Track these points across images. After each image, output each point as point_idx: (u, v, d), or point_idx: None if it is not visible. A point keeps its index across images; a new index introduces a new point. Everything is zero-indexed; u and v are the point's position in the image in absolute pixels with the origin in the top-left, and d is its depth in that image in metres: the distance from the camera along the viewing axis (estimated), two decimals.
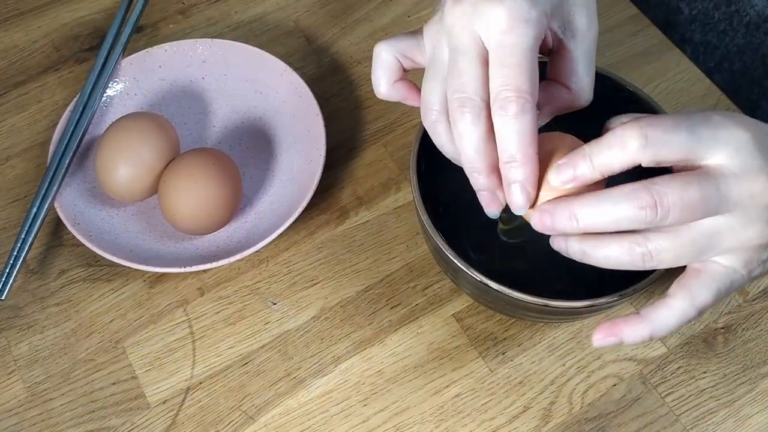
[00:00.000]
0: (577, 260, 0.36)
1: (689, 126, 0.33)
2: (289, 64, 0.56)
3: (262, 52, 0.57)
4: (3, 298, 0.49)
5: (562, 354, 0.49)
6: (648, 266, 0.35)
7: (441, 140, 0.38)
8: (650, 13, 0.65)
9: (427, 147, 0.46)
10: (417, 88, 0.40)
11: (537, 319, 0.47)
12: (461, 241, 0.49)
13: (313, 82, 0.56)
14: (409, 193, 0.55)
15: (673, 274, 0.37)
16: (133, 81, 0.56)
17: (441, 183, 0.49)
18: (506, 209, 0.39)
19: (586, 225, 0.34)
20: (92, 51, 0.61)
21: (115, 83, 0.56)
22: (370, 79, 0.59)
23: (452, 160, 0.39)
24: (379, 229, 0.53)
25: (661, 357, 0.49)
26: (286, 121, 0.56)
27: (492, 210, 0.38)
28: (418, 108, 0.58)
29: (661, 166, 0.34)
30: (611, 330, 0.36)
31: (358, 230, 0.53)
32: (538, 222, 0.35)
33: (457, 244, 0.42)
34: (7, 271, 0.49)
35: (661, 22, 0.68)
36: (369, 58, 0.61)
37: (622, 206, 0.33)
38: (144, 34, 0.62)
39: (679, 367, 0.48)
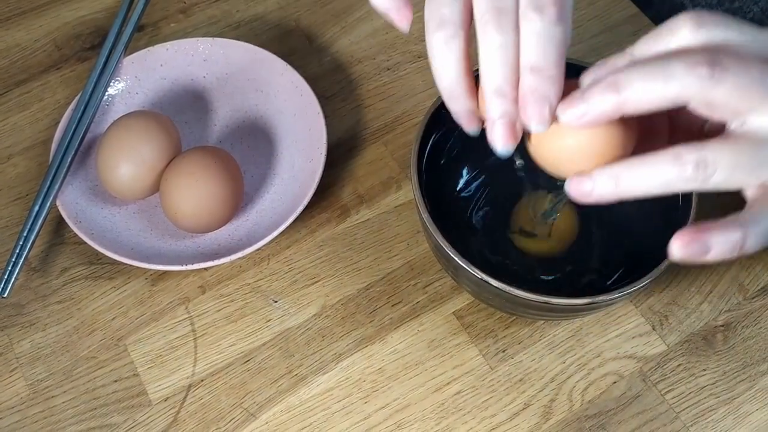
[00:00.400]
0: (606, 199, 0.31)
1: (761, 70, 0.28)
2: (290, 63, 0.56)
3: (263, 50, 0.57)
4: (5, 295, 0.49)
5: (562, 352, 0.49)
6: (699, 181, 0.29)
7: (448, 61, 0.33)
8: (653, 11, 0.65)
9: (427, 145, 0.47)
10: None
11: (537, 316, 0.48)
12: (461, 239, 0.50)
13: (313, 81, 0.56)
14: (409, 191, 0.55)
15: (676, 273, 0.37)
16: (135, 80, 0.56)
17: (441, 182, 0.50)
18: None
19: (628, 186, 0.30)
20: (94, 50, 0.61)
21: (117, 82, 0.56)
22: (371, 79, 0.60)
23: (446, 90, 0.34)
24: (379, 228, 0.54)
25: (661, 354, 0.49)
26: (287, 120, 0.56)
27: (508, 144, 0.32)
28: (419, 106, 0.58)
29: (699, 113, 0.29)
30: (697, 235, 0.29)
31: (359, 228, 0.54)
32: (574, 187, 0.31)
33: (458, 242, 0.43)
34: (9, 269, 0.49)
35: (665, 20, 0.68)
36: (369, 58, 0.61)
37: (667, 168, 0.29)
38: (145, 33, 0.62)
39: (679, 365, 0.49)
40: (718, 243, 0.29)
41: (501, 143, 0.32)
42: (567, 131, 0.32)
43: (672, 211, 0.44)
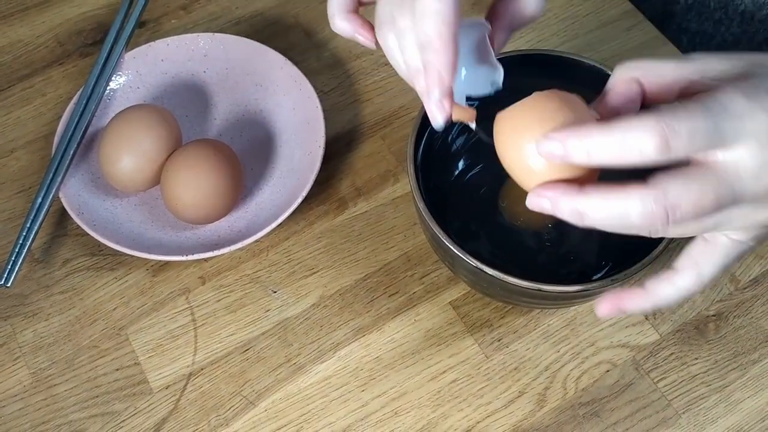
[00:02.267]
0: (568, 221, 0.32)
1: (714, 120, 0.30)
2: (290, 58, 0.57)
3: (263, 46, 0.58)
4: (8, 285, 0.50)
5: (556, 341, 0.50)
6: (659, 233, 0.31)
7: (393, 53, 0.37)
8: (647, 4, 0.66)
9: (423, 138, 0.47)
10: (369, 24, 0.39)
11: (532, 304, 0.48)
12: (457, 231, 0.51)
13: (312, 76, 0.57)
14: (406, 184, 0.56)
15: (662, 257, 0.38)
16: (136, 74, 0.57)
17: (437, 174, 0.51)
18: None
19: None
20: (95, 45, 0.62)
21: (118, 76, 0.57)
22: (369, 74, 0.61)
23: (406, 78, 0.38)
24: (377, 220, 0.54)
25: (654, 344, 0.50)
26: (286, 114, 0.57)
27: (438, 118, 0.35)
28: (416, 102, 0.59)
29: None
30: (615, 302, 0.36)
31: (357, 220, 0.54)
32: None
33: (454, 232, 0.43)
34: (13, 259, 0.50)
35: (659, 12, 0.69)
36: (367, 53, 0.62)
37: (632, 217, 0.30)
38: (146, 29, 0.63)
39: (671, 354, 0.49)
40: (630, 310, 0.36)
41: (432, 120, 0.35)
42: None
43: None
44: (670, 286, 0.35)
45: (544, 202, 0.32)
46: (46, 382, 0.48)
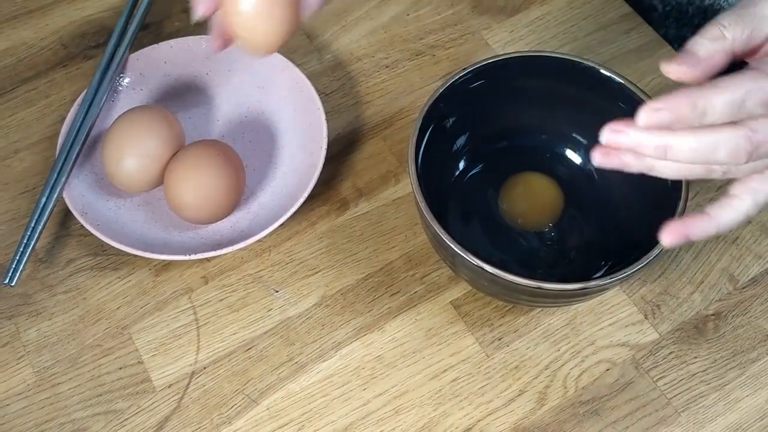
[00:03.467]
0: (650, 154, 0.35)
1: None
2: (291, 60, 0.57)
3: None
4: (13, 285, 0.50)
5: (556, 340, 0.50)
6: (731, 172, 0.36)
7: None
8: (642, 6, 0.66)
9: (424, 139, 0.48)
10: None
11: (532, 303, 0.49)
12: (458, 230, 0.51)
13: (314, 78, 0.58)
14: (407, 185, 0.56)
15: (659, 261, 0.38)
16: (139, 76, 0.58)
17: (438, 174, 0.51)
18: None
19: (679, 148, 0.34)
20: (99, 48, 0.63)
21: (122, 78, 0.57)
22: (370, 76, 0.61)
23: None
24: (378, 220, 0.55)
25: (654, 342, 0.50)
26: (288, 116, 0.57)
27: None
28: (417, 102, 0.60)
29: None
30: (680, 230, 0.37)
31: (358, 221, 0.55)
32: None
33: (455, 232, 0.44)
34: (17, 259, 0.50)
35: (655, 14, 0.69)
36: (369, 55, 0.63)
37: (720, 151, 0.34)
38: (150, 32, 0.63)
39: (670, 353, 0.50)
40: (696, 236, 0.37)
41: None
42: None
43: (663, 199, 0.45)
44: (731, 210, 0.37)
45: (622, 137, 0.34)
46: (49, 380, 0.49)
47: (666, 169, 0.36)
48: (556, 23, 0.64)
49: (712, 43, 0.34)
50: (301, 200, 0.51)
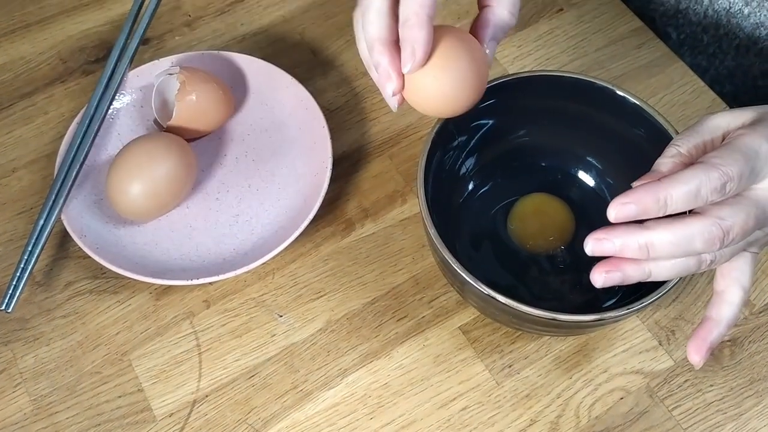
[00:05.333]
0: (635, 256, 0.37)
1: (751, 165, 0.36)
2: (295, 76, 0.56)
3: (268, 64, 0.57)
4: (9, 311, 0.49)
5: (568, 367, 0.49)
6: (706, 262, 0.38)
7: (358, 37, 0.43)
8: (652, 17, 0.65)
9: (433, 161, 0.47)
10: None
11: (544, 332, 0.47)
12: (466, 253, 0.50)
13: (319, 94, 0.56)
14: (414, 205, 0.55)
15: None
16: (140, 93, 0.56)
17: (446, 195, 0.50)
18: None
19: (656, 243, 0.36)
20: (98, 63, 0.61)
21: (122, 95, 0.56)
22: (376, 92, 0.60)
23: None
24: (385, 242, 0.53)
25: (668, 370, 0.49)
26: (292, 134, 0.56)
27: (388, 89, 0.39)
28: (424, 120, 0.60)
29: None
30: (701, 345, 0.39)
31: (364, 242, 0.53)
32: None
33: (463, 255, 0.43)
34: (14, 283, 0.49)
35: (665, 27, 0.68)
36: None
37: (696, 242, 0.36)
38: (150, 47, 0.62)
39: (685, 381, 0.48)
40: (716, 341, 0.40)
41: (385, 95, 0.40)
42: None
43: None
44: (727, 305, 0.40)
45: (606, 244, 0.36)
46: (47, 409, 0.47)
47: (663, 270, 0.37)
48: (565, 38, 0.63)
49: (671, 159, 0.38)
50: (306, 222, 0.50)
